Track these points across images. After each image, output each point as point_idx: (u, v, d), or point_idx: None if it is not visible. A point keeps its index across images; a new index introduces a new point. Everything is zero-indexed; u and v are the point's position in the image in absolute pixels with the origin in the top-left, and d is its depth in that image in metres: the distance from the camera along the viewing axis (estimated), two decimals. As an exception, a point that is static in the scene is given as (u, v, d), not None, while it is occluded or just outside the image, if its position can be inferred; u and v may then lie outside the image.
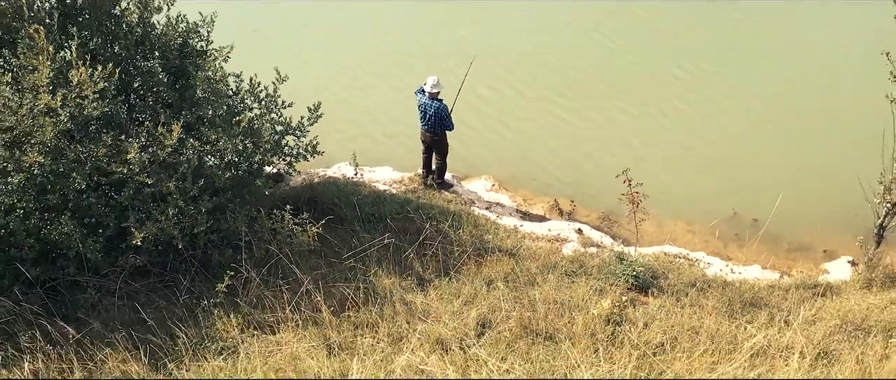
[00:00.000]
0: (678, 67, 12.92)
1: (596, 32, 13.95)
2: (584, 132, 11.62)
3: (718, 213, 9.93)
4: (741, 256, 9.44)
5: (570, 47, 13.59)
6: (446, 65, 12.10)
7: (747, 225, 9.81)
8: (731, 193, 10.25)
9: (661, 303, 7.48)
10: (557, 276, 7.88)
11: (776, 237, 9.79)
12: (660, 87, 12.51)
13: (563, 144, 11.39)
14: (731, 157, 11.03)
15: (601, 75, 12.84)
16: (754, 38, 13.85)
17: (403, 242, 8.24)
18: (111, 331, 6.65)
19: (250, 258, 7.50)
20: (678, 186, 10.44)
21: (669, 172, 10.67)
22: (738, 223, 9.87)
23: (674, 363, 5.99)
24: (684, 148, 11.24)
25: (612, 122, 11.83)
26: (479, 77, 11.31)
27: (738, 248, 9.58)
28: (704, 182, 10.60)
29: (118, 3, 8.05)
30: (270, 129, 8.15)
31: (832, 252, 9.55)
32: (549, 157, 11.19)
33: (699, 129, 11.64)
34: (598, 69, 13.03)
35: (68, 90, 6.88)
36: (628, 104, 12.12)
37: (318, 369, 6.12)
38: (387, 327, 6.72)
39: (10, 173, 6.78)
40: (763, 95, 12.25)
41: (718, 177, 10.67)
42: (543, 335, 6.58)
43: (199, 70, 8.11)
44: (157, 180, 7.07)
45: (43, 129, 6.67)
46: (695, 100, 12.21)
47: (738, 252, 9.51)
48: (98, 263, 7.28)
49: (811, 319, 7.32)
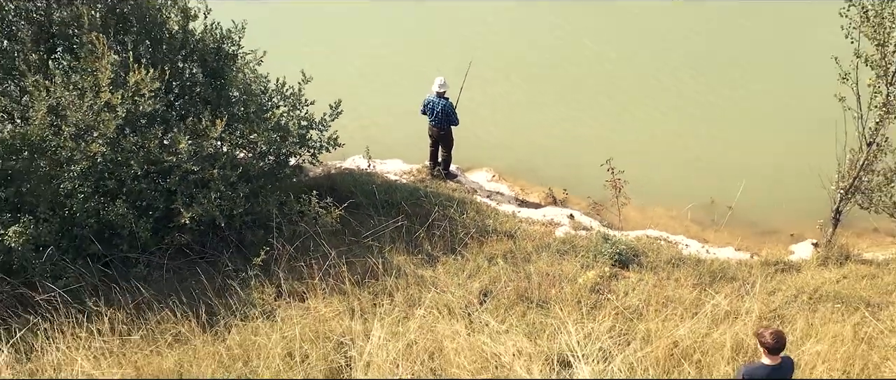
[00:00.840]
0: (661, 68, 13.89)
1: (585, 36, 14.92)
2: (576, 127, 12.63)
3: (697, 200, 10.97)
4: (716, 238, 10.49)
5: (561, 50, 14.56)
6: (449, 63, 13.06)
7: (723, 211, 10.83)
8: (708, 182, 11.25)
9: (641, 276, 8.55)
10: (550, 254, 8.95)
11: (749, 222, 10.86)
12: (644, 86, 13.49)
13: (557, 139, 12.42)
14: (710, 150, 12.03)
15: (590, 76, 13.80)
16: (732, 39, 14.82)
17: (414, 224, 9.30)
18: (163, 298, 7.70)
19: (281, 237, 8.55)
20: (660, 177, 11.46)
21: (653, 164, 11.67)
22: (715, 210, 10.88)
23: (645, 322, 7.06)
24: (666, 142, 12.22)
25: (602, 118, 12.83)
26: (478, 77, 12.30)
27: (714, 231, 10.63)
28: (684, 173, 11.61)
29: (162, 12, 9.09)
30: (297, 124, 9.20)
31: (799, 235, 10.59)
32: (544, 150, 12.21)
33: (680, 124, 12.63)
34: (587, 70, 13.98)
35: (125, 90, 7.94)
36: (616, 102, 13.13)
37: (342, 330, 7.17)
38: (402, 295, 7.79)
39: (75, 161, 7.84)
40: (740, 93, 13.23)
41: (697, 168, 11.69)
42: (537, 302, 7.65)
43: (234, 72, 9.18)
44: (201, 168, 8.14)
45: (105, 123, 7.72)
46: (676, 98, 13.21)
47: (714, 235, 10.56)
48: (147, 242, 8.33)
49: (772, 290, 8.39)
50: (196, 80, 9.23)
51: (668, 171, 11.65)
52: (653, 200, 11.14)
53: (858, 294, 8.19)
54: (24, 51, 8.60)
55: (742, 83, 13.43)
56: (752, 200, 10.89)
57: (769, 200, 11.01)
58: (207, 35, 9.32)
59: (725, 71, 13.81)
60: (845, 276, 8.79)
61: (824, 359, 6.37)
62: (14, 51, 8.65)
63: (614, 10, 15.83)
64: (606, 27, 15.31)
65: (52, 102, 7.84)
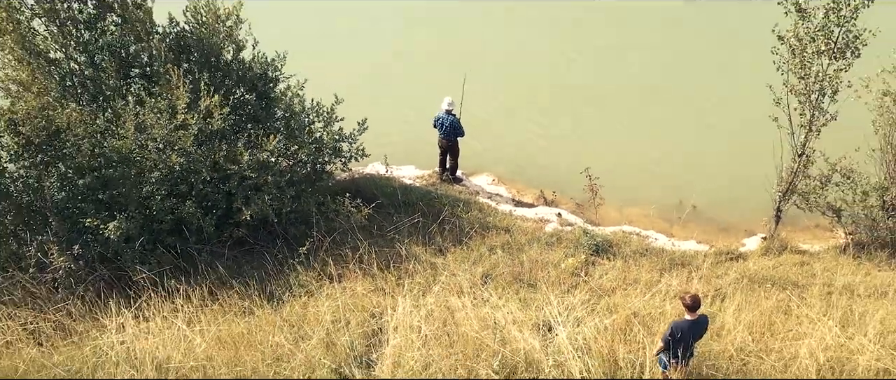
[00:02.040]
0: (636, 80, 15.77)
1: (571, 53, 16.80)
2: (564, 137, 14.52)
3: (667, 200, 12.87)
4: (682, 233, 12.40)
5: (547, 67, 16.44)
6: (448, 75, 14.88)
7: (688, 210, 12.74)
8: (677, 185, 13.13)
9: (614, 263, 10.48)
10: (540, 245, 10.87)
11: (711, 219, 12.78)
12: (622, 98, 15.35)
13: (548, 147, 14.29)
14: (679, 156, 13.90)
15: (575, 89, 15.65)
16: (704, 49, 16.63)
17: (428, 221, 11.22)
18: (228, 280, 9.62)
19: (319, 231, 10.47)
20: (636, 180, 13.35)
21: (629, 169, 13.56)
22: (682, 209, 12.78)
23: (612, 297, 8.98)
24: (641, 150, 14.06)
25: (587, 129, 14.71)
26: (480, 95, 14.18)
27: (681, 227, 12.54)
28: (657, 177, 13.49)
29: (218, 44, 11.00)
30: (331, 138, 11.13)
31: (751, 231, 12.50)
32: (538, 157, 14.09)
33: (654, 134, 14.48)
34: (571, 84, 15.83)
35: (197, 111, 9.86)
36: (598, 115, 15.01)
37: (374, 303, 9.07)
38: (420, 277, 9.70)
39: (157, 169, 9.75)
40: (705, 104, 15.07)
41: (668, 173, 13.55)
42: (528, 282, 9.57)
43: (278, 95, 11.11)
44: (257, 175, 10.06)
45: (182, 139, 9.64)
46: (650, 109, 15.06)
47: (680, 230, 12.47)
48: (211, 235, 10.25)
49: (720, 274, 10.32)
50: (247, 101, 11.17)
51: (642, 175, 13.54)
52: (629, 201, 13.05)
53: (788, 277, 10.12)
54: (107, 78, 10.51)
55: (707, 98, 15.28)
56: (715, 200, 12.85)
57: (728, 201, 12.93)
58: (255, 63, 11.26)
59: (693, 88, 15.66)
60: (781, 263, 10.72)
61: (745, 322, 8.28)
62: (99, 78, 10.56)
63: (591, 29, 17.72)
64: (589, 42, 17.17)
65: (137, 121, 9.76)
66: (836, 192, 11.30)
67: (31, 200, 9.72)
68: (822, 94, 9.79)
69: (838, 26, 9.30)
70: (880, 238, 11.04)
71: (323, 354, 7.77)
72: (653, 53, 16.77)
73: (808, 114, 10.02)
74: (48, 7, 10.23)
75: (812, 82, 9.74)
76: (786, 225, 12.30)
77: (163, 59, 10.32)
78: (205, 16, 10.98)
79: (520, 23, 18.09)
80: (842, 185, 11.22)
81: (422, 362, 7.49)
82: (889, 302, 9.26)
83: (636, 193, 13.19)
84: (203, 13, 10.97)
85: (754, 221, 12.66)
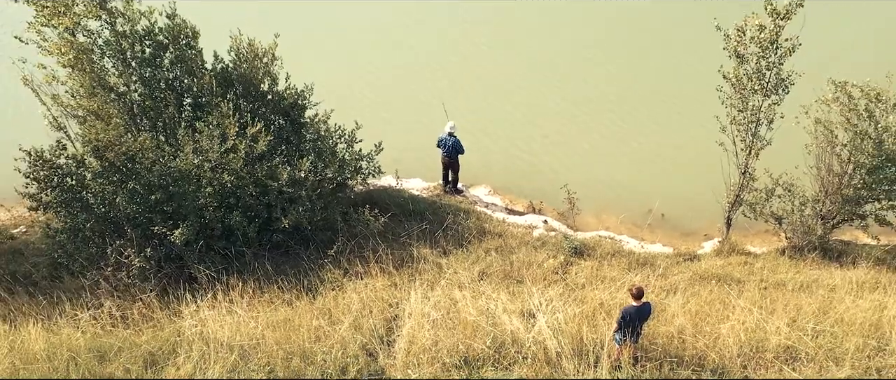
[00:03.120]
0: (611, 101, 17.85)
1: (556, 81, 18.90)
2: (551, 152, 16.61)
3: (639, 209, 14.96)
4: (650, 237, 14.50)
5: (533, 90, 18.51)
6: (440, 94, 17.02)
7: (657, 217, 14.83)
8: (648, 195, 15.18)
9: (589, 263, 12.58)
10: (528, 248, 12.97)
11: (676, 226, 14.89)
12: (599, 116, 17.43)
13: (537, 162, 16.41)
14: (650, 169, 15.98)
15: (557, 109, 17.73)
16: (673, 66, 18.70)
17: (434, 227, 13.32)
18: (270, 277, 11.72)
19: (344, 236, 12.56)
20: (612, 191, 15.46)
21: (606, 181, 15.67)
22: (651, 216, 14.86)
23: (583, 291, 11.08)
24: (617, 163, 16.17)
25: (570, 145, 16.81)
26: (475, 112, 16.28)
27: (650, 232, 14.63)
28: (631, 188, 15.59)
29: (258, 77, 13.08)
30: (352, 158, 13.22)
31: (710, 235, 14.61)
32: (528, 170, 16.20)
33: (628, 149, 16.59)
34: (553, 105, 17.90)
35: (244, 137, 11.96)
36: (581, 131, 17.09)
37: (391, 296, 11.16)
38: (428, 275, 11.80)
39: (210, 185, 11.83)
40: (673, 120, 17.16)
41: (640, 184, 15.64)
42: (516, 279, 11.67)
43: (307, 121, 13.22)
44: (293, 190, 12.15)
45: (233, 161, 11.74)
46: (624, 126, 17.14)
47: (649, 235, 14.56)
48: (253, 240, 12.34)
49: (676, 272, 12.41)
50: (281, 126, 13.28)
51: (618, 186, 15.65)
52: (606, 209, 15.16)
53: (732, 274, 12.22)
54: (165, 108, 12.60)
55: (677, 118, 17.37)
56: (680, 208, 14.96)
57: (692, 209, 15.02)
58: (287, 93, 13.37)
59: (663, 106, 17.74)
60: (729, 263, 12.82)
61: (687, 310, 10.38)
62: (158, 108, 12.64)
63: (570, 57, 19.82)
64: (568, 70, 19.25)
65: (195, 145, 11.86)
66: (779, 202, 13.39)
67: (107, 212, 11.83)
68: (758, 124, 11.88)
69: (769, 70, 11.39)
70: (812, 242, 13.11)
71: (353, 335, 9.87)
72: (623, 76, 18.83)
73: (747, 140, 12.11)
74: (116, 48, 12.32)
75: (750, 114, 11.83)
76: (742, 230, 14.42)
77: (212, 92, 12.43)
78: (246, 53, 13.10)
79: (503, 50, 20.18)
80: (783, 197, 13.32)
81: (431, 341, 9.59)
82: (810, 294, 11.36)
83: (612, 202, 15.30)
84: (244, 51, 13.09)
85: (712, 228, 14.76)
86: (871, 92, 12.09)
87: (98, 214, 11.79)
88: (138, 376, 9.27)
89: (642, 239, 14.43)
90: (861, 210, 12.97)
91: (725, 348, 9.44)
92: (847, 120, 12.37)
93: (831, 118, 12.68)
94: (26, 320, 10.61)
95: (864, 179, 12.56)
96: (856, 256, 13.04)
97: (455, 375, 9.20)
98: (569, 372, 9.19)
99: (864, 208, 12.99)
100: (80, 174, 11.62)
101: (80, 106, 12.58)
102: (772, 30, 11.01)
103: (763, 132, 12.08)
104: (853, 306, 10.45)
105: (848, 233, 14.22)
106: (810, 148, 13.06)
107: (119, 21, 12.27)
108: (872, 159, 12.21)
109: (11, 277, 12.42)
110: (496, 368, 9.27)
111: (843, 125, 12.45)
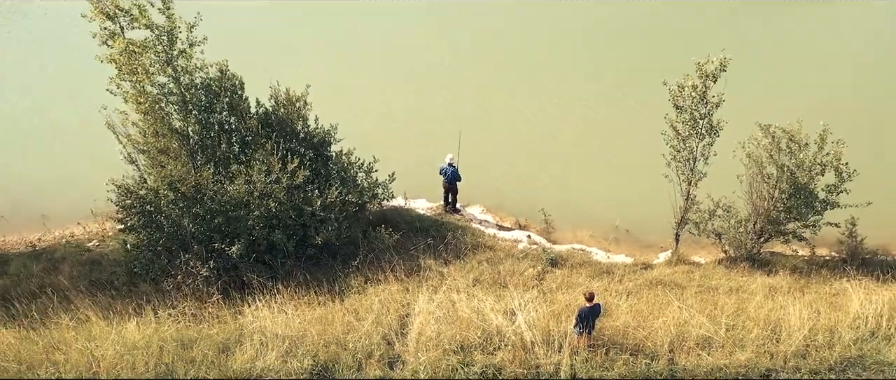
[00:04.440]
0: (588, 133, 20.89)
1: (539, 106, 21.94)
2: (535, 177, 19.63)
3: (607, 225, 17.97)
4: (616, 249, 17.51)
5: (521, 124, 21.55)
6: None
7: (622, 232, 17.83)
8: (615, 212, 18.20)
9: (563, 273, 15.58)
10: (513, 259, 15.97)
11: (638, 239, 17.91)
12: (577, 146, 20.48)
13: (523, 185, 19.42)
14: (618, 192, 18.99)
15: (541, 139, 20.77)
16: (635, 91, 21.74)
17: (436, 242, 16.33)
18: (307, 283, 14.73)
19: (364, 250, 15.56)
20: (585, 209, 18.47)
21: (582, 201, 18.68)
22: (617, 231, 17.86)
23: (554, 295, 14.08)
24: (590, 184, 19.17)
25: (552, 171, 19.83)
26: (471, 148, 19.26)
27: (616, 245, 17.64)
28: (601, 207, 18.60)
29: (293, 119, 16.10)
30: (370, 185, 16.25)
31: (665, 248, 17.61)
32: (516, 192, 19.21)
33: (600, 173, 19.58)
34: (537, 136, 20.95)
35: (285, 171, 14.98)
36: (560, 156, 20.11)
37: (403, 297, 14.15)
38: (432, 282, 14.80)
39: (257, 210, 14.84)
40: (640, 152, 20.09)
41: (609, 203, 18.65)
42: (502, 285, 14.69)
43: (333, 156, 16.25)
44: (324, 213, 15.17)
45: (276, 192, 14.75)
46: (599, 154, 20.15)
47: (616, 248, 17.57)
48: (291, 253, 15.36)
49: (633, 279, 15.41)
50: (312, 158, 16.30)
51: (590, 205, 18.66)
52: (580, 225, 18.19)
53: (677, 281, 15.22)
54: (218, 146, 15.60)
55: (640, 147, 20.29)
56: (642, 223, 17.95)
57: (652, 225, 18.02)
58: (316, 132, 16.40)
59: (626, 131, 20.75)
60: (676, 271, 15.83)
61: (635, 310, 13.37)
62: (213, 146, 15.65)
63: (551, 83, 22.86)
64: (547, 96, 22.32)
65: (245, 177, 14.88)
66: (719, 221, 16.39)
67: (175, 231, 14.85)
68: (696, 160, 14.90)
69: (701, 119, 14.41)
70: (744, 254, 16.12)
71: (375, 328, 12.86)
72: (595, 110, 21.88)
73: (686, 174, 15.14)
74: (179, 97, 15.31)
75: (687, 153, 14.86)
76: (694, 243, 17.43)
77: (257, 133, 15.46)
78: (283, 100, 16.12)
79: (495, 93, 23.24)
80: (723, 216, 16.32)
81: (435, 333, 12.58)
82: (736, 296, 14.36)
83: (585, 219, 18.33)
84: (282, 99, 16.12)
85: (667, 241, 17.75)
86: (787, 134, 15.07)
87: (169, 233, 14.82)
88: (213, 359, 12.28)
89: (608, 251, 17.44)
90: (784, 228, 15.94)
91: (658, 338, 12.44)
92: (770, 155, 15.36)
93: (759, 153, 15.67)
94: (120, 317, 13.63)
95: (785, 203, 15.54)
96: (777, 265, 16.04)
97: (453, 358, 12.21)
98: (540, 356, 12.20)
99: (786, 227, 15.96)
100: (157, 202, 14.63)
101: (149, 144, 15.62)
102: (700, 88, 14.02)
103: (700, 167, 15.09)
104: (762, 306, 13.46)
105: (778, 246, 17.21)
106: (743, 177, 16.06)
107: (182, 76, 15.30)
108: (790, 188, 15.20)
109: (95, 284, 15.46)
110: (484, 353, 12.27)
111: (767, 160, 15.44)
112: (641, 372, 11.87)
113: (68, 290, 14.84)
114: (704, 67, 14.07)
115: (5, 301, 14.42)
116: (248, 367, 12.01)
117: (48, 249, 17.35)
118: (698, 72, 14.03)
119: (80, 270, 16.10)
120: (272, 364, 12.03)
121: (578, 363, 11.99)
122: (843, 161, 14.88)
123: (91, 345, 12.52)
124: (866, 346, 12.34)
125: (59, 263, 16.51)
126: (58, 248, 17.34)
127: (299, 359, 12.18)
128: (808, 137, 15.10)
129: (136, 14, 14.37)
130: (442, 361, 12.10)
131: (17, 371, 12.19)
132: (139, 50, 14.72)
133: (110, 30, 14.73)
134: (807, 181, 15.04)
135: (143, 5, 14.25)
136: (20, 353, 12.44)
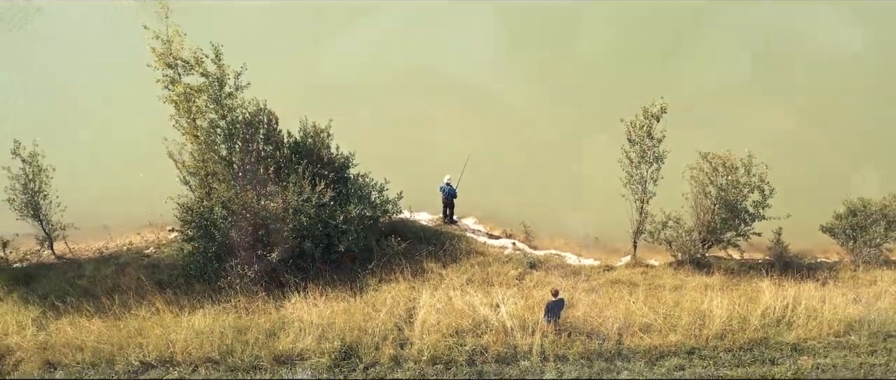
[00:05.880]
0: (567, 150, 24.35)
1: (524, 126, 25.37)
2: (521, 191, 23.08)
3: (580, 232, 21.45)
4: (586, 254, 21.00)
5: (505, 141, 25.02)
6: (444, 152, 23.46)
7: (592, 239, 21.31)
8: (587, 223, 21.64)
9: (540, 274, 19.07)
10: (499, 262, 19.47)
11: (605, 245, 21.41)
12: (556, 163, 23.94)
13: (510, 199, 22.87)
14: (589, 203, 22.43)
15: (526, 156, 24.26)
16: None
17: (436, 249, 19.84)
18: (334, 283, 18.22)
19: (378, 255, 19.05)
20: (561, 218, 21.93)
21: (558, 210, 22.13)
22: (589, 238, 21.33)
23: (531, 291, 17.57)
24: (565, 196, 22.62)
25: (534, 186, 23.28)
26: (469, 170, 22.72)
27: (586, 250, 21.14)
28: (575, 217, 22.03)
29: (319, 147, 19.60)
30: (382, 201, 19.75)
31: (627, 252, 21.08)
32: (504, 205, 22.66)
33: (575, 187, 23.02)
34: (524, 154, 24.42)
35: (313, 192, 18.48)
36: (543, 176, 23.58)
37: (410, 294, 17.62)
38: (433, 282, 18.29)
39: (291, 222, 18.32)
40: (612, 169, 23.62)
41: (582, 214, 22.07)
42: (489, 284, 18.18)
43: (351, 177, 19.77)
44: (347, 225, 18.66)
45: (307, 209, 18.25)
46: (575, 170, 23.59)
47: (585, 252, 21.07)
48: (318, 259, 18.84)
49: (597, 279, 18.90)
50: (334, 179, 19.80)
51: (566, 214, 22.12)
52: (557, 233, 21.68)
53: (633, 280, 18.71)
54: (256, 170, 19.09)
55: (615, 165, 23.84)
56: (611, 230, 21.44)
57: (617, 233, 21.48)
58: (337, 155, 19.91)
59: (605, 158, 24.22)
60: (633, 272, 19.32)
61: (594, 303, 16.85)
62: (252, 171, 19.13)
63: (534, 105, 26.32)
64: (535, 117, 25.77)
65: (282, 197, 18.39)
66: (670, 231, 19.87)
67: (224, 240, 18.35)
68: (646, 182, 18.41)
69: (649, 150, 17.91)
70: (689, 258, 19.62)
71: (389, 317, 16.37)
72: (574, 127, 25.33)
73: (639, 193, 18.65)
74: (225, 130, 18.79)
75: (639, 177, 18.37)
76: (652, 249, 20.90)
77: (289, 160, 18.97)
78: (310, 130, 19.63)
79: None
80: (672, 227, 19.80)
81: (435, 321, 16.08)
82: (677, 292, 17.85)
83: (562, 227, 21.80)
84: (309, 129, 19.63)
85: (629, 247, 21.24)
86: (721, 159, 18.56)
87: (219, 242, 18.32)
88: (264, 342, 15.76)
89: (579, 255, 20.92)
90: (721, 237, 19.43)
91: (609, 324, 15.94)
92: (709, 179, 18.86)
93: (701, 176, 19.15)
94: (183, 310, 17.12)
95: (722, 216, 19.02)
96: (715, 267, 19.53)
97: (450, 340, 15.70)
98: (517, 338, 15.70)
99: (723, 236, 19.44)
100: (212, 218, 18.11)
101: (199, 168, 19.14)
102: (645, 127, 17.54)
103: (650, 187, 18.60)
104: (694, 300, 16.96)
105: (718, 251, 20.68)
106: (688, 195, 19.54)
107: (228, 113, 18.78)
108: (724, 204, 18.69)
109: (159, 283, 18.95)
110: (474, 336, 15.77)
111: (707, 181, 18.93)
112: (595, 350, 15.39)
113: (139, 288, 18.35)
114: (649, 109, 17.58)
115: (91, 297, 17.93)
116: (291, 347, 15.57)
117: (113, 255, 20.83)
118: (644, 113, 17.54)
119: (144, 273, 19.60)
120: (310, 345, 15.57)
121: (547, 344, 15.50)
122: (765, 181, 18.36)
123: (166, 330, 16.08)
124: (770, 330, 15.86)
125: (124, 267, 19.96)
126: (121, 254, 20.83)
127: (330, 341, 15.69)
128: (739, 161, 18.61)
129: (194, 63, 17.95)
130: (441, 342, 15.61)
131: (110, 351, 15.77)
132: (195, 93, 18.30)
133: (170, 76, 18.31)
134: (738, 199, 18.53)
135: (200, 57, 17.79)
136: (111, 337, 16.02)
